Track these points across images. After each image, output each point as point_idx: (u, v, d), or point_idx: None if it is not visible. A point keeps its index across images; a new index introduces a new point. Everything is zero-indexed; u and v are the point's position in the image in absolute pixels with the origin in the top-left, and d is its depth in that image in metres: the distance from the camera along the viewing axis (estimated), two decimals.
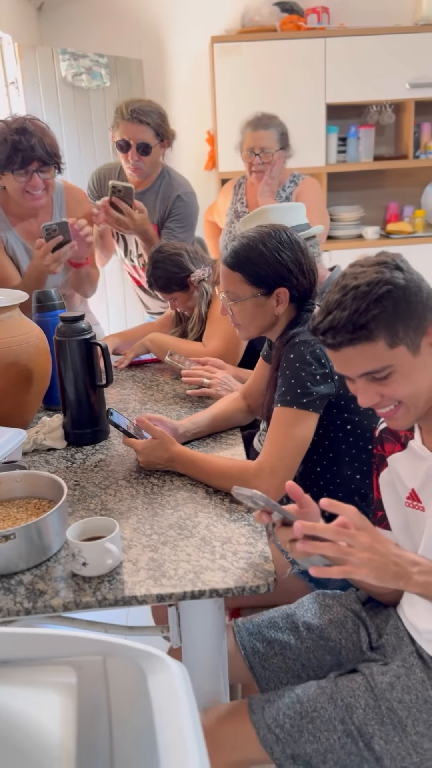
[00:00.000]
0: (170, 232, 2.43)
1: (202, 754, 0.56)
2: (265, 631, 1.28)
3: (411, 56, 3.77)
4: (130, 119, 2.31)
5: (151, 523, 1.25)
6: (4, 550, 1.10)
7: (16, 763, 0.57)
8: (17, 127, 1.93)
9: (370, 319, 0.97)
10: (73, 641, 0.70)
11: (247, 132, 2.58)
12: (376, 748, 1.03)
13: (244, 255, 1.40)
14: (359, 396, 1.06)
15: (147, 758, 0.55)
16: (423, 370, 1.03)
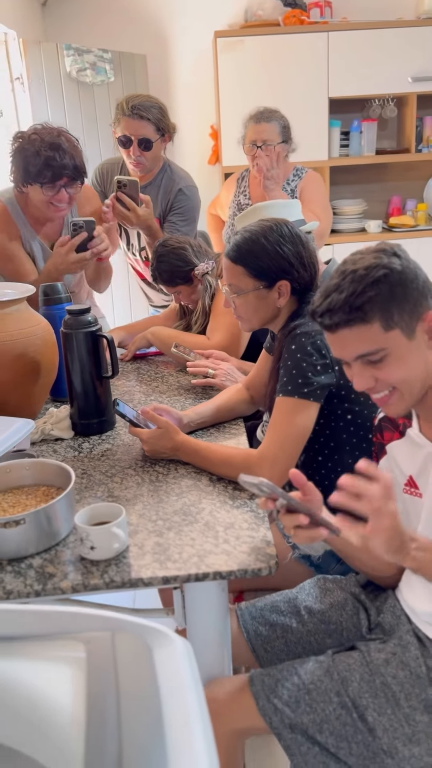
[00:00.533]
0: (172, 225, 2.46)
1: (205, 724, 0.59)
2: (268, 615, 1.32)
3: (413, 50, 3.79)
4: (131, 115, 2.33)
5: (156, 509, 1.29)
6: (14, 534, 1.14)
7: (28, 733, 0.61)
8: (51, 142, 1.94)
9: (366, 301, 1.01)
10: (82, 618, 0.73)
11: (249, 125, 2.62)
12: (369, 719, 1.07)
13: (247, 248, 1.43)
14: (355, 379, 1.09)
15: (153, 728, 0.58)
16: (417, 356, 1.06)
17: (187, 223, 2.49)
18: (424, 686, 1.08)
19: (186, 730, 0.58)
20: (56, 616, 0.73)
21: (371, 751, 1.06)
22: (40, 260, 2.20)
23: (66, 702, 0.62)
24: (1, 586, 1.08)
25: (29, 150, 1.95)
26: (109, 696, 0.63)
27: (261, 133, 2.57)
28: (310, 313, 1.07)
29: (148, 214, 2.31)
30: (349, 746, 1.07)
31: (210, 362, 1.92)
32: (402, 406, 1.11)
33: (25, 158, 1.96)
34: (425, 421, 1.19)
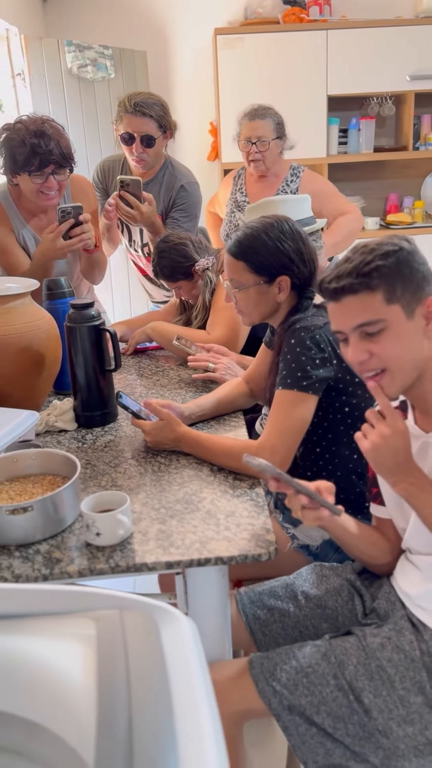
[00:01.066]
0: (175, 221, 2.49)
1: (210, 698, 0.63)
2: (266, 600, 1.36)
3: (411, 48, 3.82)
4: (134, 112, 2.36)
5: (159, 498, 1.33)
6: (22, 521, 1.18)
7: (43, 704, 0.64)
8: (36, 129, 1.96)
9: (374, 269, 1.06)
10: (91, 596, 0.76)
11: (244, 122, 2.65)
12: (365, 701, 1.11)
13: (248, 244, 1.46)
14: (350, 352, 1.13)
15: (161, 700, 0.61)
16: (412, 337, 1.10)
17: (189, 219, 2.52)
18: (418, 669, 1.12)
19: (192, 702, 0.61)
20: (67, 595, 0.77)
21: (367, 732, 1.10)
22: (32, 251, 2.23)
23: (78, 675, 0.65)
24: (10, 571, 1.11)
25: (15, 140, 1.98)
26: (119, 670, 0.66)
27: (255, 129, 2.60)
28: (318, 284, 1.12)
29: (151, 211, 2.34)
30: (345, 727, 1.11)
31: (210, 356, 1.95)
32: (393, 388, 1.14)
33: (12, 148, 1.99)
34: (420, 413, 1.22)
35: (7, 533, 1.18)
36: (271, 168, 2.67)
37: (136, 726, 0.58)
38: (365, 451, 1.14)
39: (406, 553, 1.30)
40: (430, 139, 4.05)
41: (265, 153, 2.60)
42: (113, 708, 0.59)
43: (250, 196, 2.75)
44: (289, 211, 1.78)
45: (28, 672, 0.68)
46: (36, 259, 2.16)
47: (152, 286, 2.80)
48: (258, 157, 2.62)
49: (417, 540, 1.23)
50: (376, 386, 1.12)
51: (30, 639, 0.72)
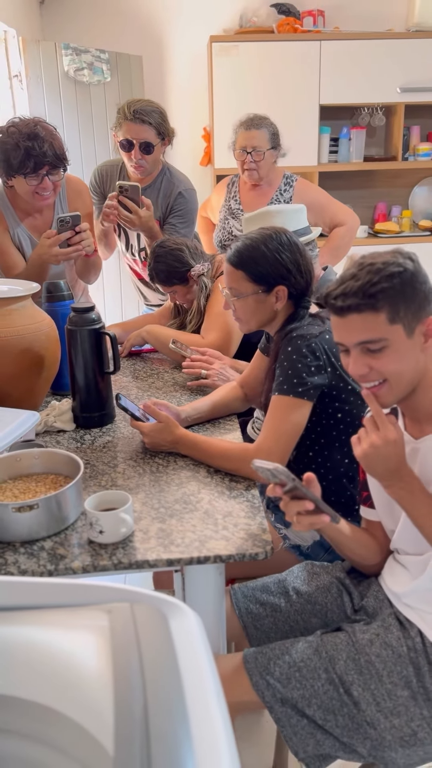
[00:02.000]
0: (172, 227, 2.54)
1: (218, 686, 0.67)
2: (259, 595, 1.42)
3: (403, 61, 3.90)
4: (133, 119, 2.41)
5: (158, 498, 1.38)
6: (27, 518, 1.22)
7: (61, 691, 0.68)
8: (29, 132, 2.00)
9: (379, 291, 1.10)
10: (103, 590, 0.80)
11: (239, 132, 2.70)
12: (354, 694, 1.17)
13: (248, 255, 1.52)
14: (351, 365, 1.18)
15: (173, 688, 0.65)
16: (411, 354, 1.16)
17: (186, 225, 2.57)
18: (404, 664, 1.18)
19: (202, 690, 0.65)
20: (80, 588, 0.80)
21: (356, 723, 1.16)
22: (28, 250, 2.26)
23: (94, 664, 0.69)
24: (16, 566, 1.15)
25: (9, 143, 2.01)
26: (133, 659, 0.70)
27: (251, 139, 2.66)
28: (324, 297, 1.16)
29: (149, 216, 2.39)
30: (335, 718, 1.17)
31: (204, 361, 2.00)
32: (389, 398, 1.20)
33: (6, 151, 2.02)
34: (410, 420, 1.28)
35: (12, 530, 1.22)
36: (265, 177, 2.73)
37: (151, 713, 0.62)
38: (358, 457, 1.19)
39: (394, 554, 1.35)
40: (419, 150, 4.14)
41: (260, 162, 2.66)
42: (129, 696, 0.63)
43: (243, 204, 2.81)
44: (285, 221, 1.84)
45: (45, 660, 0.71)
46: (31, 262, 2.19)
47: (148, 290, 2.85)
48: (253, 167, 2.67)
49: (405, 541, 1.28)
50: (369, 394, 1.18)
51: (46, 629, 0.76)
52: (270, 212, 1.88)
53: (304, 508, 1.15)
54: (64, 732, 0.67)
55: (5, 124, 2.07)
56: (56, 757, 0.61)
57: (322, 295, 1.17)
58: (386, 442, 1.15)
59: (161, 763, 0.58)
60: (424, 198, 4.46)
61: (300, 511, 1.16)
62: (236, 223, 2.81)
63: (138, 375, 2.16)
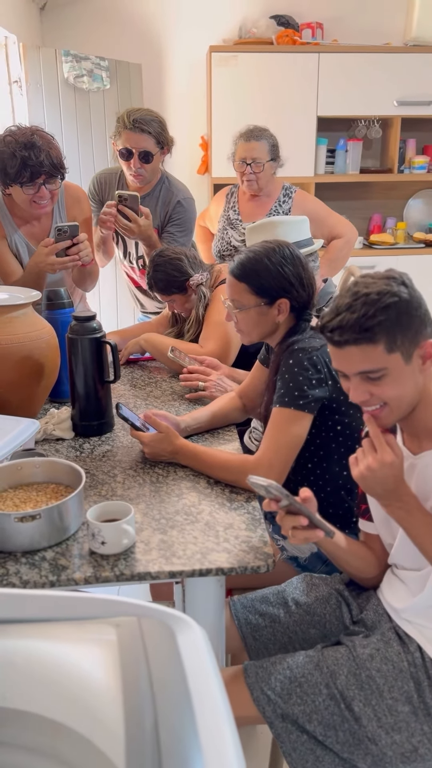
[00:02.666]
0: (171, 236, 2.55)
1: (226, 701, 0.67)
2: (258, 605, 1.42)
3: (400, 75, 3.94)
4: (132, 128, 2.42)
5: (159, 508, 1.38)
6: (29, 528, 1.21)
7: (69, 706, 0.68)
8: (25, 141, 1.99)
9: (376, 324, 1.11)
10: (109, 604, 0.80)
11: (239, 143, 2.72)
12: (355, 709, 1.17)
13: (251, 267, 1.53)
14: (351, 392, 1.19)
15: (182, 704, 0.65)
16: (410, 378, 1.17)
17: (185, 234, 2.58)
18: (405, 679, 1.19)
19: (212, 706, 0.65)
20: (87, 601, 0.80)
21: (357, 739, 1.16)
22: (25, 258, 2.26)
23: (103, 679, 0.69)
24: (18, 576, 1.15)
25: (5, 152, 2.01)
26: (142, 674, 0.70)
27: (251, 151, 2.67)
28: (320, 328, 1.16)
29: (147, 225, 2.40)
30: (336, 734, 1.17)
31: (201, 371, 2.01)
32: (390, 420, 1.21)
33: (3, 161, 2.02)
34: (408, 435, 1.29)
35: (13, 540, 1.22)
36: (264, 188, 2.75)
37: (162, 729, 0.61)
38: (355, 478, 1.20)
39: (393, 568, 1.36)
40: (415, 163, 4.18)
41: (260, 174, 2.68)
42: (139, 711, 0.63)
43: (242, 215, 2.82)
44: (288, 232, 1.85)
45: (54, 674, 0.71)
46: (28, 270, 2.19)
47: (145, 298, 2.85)
48: (252, 178, 2.69)
49: (403, 556, 1.29)
50: (370, 418, 1.19)
51: (54, 643, 0.75)
52: (273, 223, 1.90)
53: (299, 523, 1.16)
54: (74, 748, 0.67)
55: (2, 132, 2.06)
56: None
57: (318, 325, 1.18)
58: (382, 465, 1.15)
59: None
60: (419, 210, 4.50)
61: (295, 526, 1.17)
62: (235, 233, 2.82)
63: (136, 384, 2.16)
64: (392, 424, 1.25)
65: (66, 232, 2.08)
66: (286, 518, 1.16)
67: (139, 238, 2.45)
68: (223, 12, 4.04)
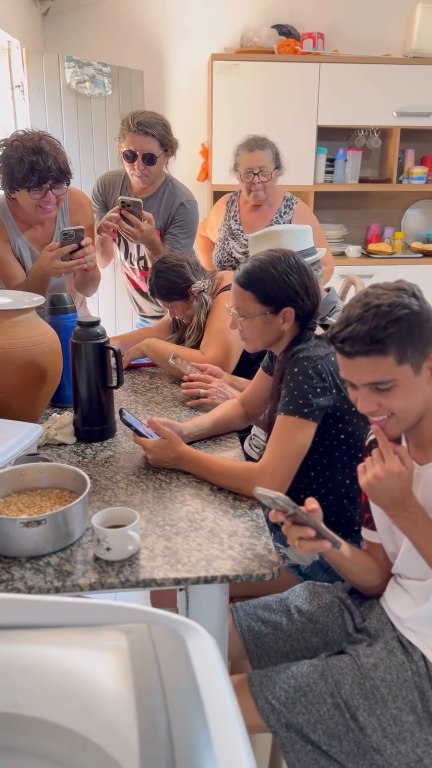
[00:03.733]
0: (173, 237, 2.56)
1: (237, 708, 0.67)
2: (260, 613, 1.42)
3: (399, 86, 3.97)
4: (137, 131, 2.44)
5: (162, 515, 1.38)
6: (33, 534, 1.21)
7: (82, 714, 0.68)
8: (33, 146, 2.00)
9: (387, 336, 1.11)
10: (120, 610, 0.80)
11: (242, 154, 2.71)
12: (360, 719, 1.17)
13: (256, 276, 1.53)
14: (360, 402, 1.20)
15: (195, 711, 0.65)
16: (419, 389, 1.17)
17: (187, 236, 2.60)
18: (410, 689, 1.19)
19: (224, 713, 0.65)
20: (97, 608, 0.80)
21: (362, 749, 1.16)
22: (28, 262, 2.26)
23: (115, 686, 0.69)
24: (23, 582, 1.15)
25: (13, 157, 2.02)
26: (154, 681, 0.69)
27: (257, 160, 2.68)
28: (330, 338, 1.17)
29: (150, 229, 2.41)
30: (340, 744, 1.17)
31: (203, 379, 2.01)
32: (397, 430, 1.22)
33: (10, 165, 2.03)
34: (414, 446, 1.30)
35: (18, 545, 1.21)
36: (269, 197, 2.76)
37: (175, 737, 0.61)
38: (362, 486, 1.21)
39: (396, 577, 1.36)
40: (413, 173, 4.20)
41: (267, 183, 2.69)
42: (153, 719, 0.62)
43: (244, 225, 2.83)
44: (292, 241, 1.86)
45: (65, 681, 0.71)
46: (32, 273, 2.19)
47: (144, 300, 2.86)
48: (260, 187, 2.69)
49: (407, 565, 1.30)
50: (378, 429, 1.19)
51: (64, 649, 0.75)
52: (277, 231, 1.91)
53: (306, 534, 1.16)
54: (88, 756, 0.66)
55: (9, 137, 2.07)
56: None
57: (328, 335, 1.18)
58: (389, 474, 1.16)
59: None
60: (417, 220, 4.53)
61: (302, 537, 1.17)
62: (236, 244, 2.83)
63: (137, 389, 2.16)
64: (398, 435, 1.25)
65: (72, 236, 2.08)
66: (292, 529, 1.16)
67: (142, 242, 2.47)
68: (225, 20, 4.07)
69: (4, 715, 0.65)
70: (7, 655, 0.73)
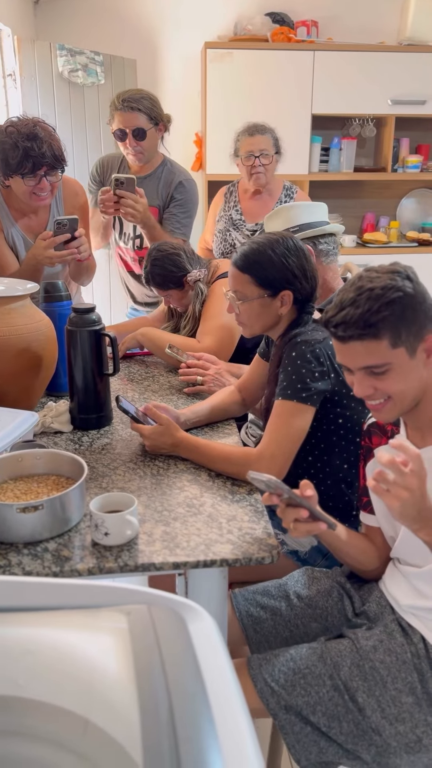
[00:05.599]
0: (173, 216, 2.55)
1: (239, 688, 0.67)
2: (259, 598, 1.42)
3: (394, 74, 3.95)
4: (122, 108, 2.43)
5: (161, 501, 1.37)
6: (30, 519, 1.20)
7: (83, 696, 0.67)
8: (28, 132, 1.98)
9: (380, 320, 1.10)
10: (119, 592, 0.79)
11: (243, 138, 2.71)
12: (359, 700, 1.17)
13: (254, 259, 1.52)
14: (355, 386, 1.19)
15: (197, 692, 0.64)
16: (414, 372, 1.17)
17: (187, 216, 2.58)
18: (409, 671, 1.19)
19: (226, 693, 0.65)
20: (96, 589, 0.79)
21: (361, 730, 1.16)
22: (21, 251, 2.25)
23: (116, 667, 0.68)
24: (20, 567, 1.14)
25: (7, 143, 1.99)
26: (155, 662, 0.69)
27: (258, 144, 2.67)
28: (324, 322, 1.16)
29: (145, 206, 2.39)
30: (340, 725, 1.17)
31: (200, 366, 2.00)
32: (393, 414, 1.21)
33: (4, 151, 2.01)
34: (412, 429, 1.29)
35: (15, 531, 1.20)
36: (268, 184, 2.74)
37: (177, 717, 0.60)
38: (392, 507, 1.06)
39: (395, 562, 1.36)
40: (408, 162, 4.19)
41: (268, 166, 2.68)
42: (154, 699, 0.62)
43: (246, 215, 2.81)
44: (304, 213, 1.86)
45: (66, 663, 0.70)
46: (26, 262, 2.18)
47: (136, 285, 2.82)
48: (261, 170, 2.69)
49: (406, 551, 1.29)
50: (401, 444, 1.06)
51: (65, 631, 0.74)
52: (286, 208, 1.92)
53: (300, 516, 1.15)
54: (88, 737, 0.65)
55: (4, 123, 2.05)
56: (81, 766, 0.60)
57: (322, 320, 1.17)
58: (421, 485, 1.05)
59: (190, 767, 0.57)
60: (412, 210, 4.52)
61: (297, 519, 1.16)
62: (239, 235, 2.81)
63: (133, 378, 2.15)
64: (396, 419, 1.24)
65: (65, 226, 2.06)
66: (287, 511, 1.15)
67: (140, 220, 2.43)
68: (218, 8, 4.04)
69: (5, 697, 0.64)
70: (8, 638, 0.72)
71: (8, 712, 0.64)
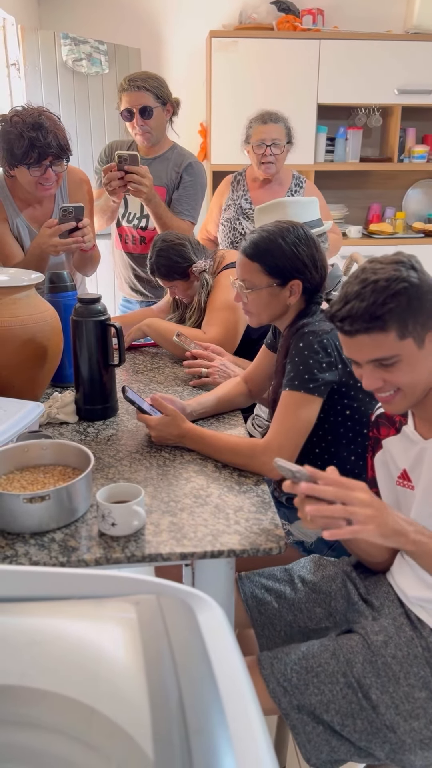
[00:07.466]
0: (182, 198, 2.56)
1: (249, 679, 0.66)
2: (264, 581, 1.42)
3: (400, 63, 3.91)
4: (129, 88, 2.44)
5: (167, 491, 1.36)
6: (37, 510, 1.20)
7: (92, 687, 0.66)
8: (33, 122, 1.96)
9: (386, 312, 1.09)
10: (127, 581, 0.78)
11: (256, 126, 2.68)
12: (373, 697, 1.16)
13: (264, 247, 1.50)
14: (364, 379, 1.17)
15: (206, 683, 0.63)
16: (424, 363, 1.15)
17: (196, 198, 2.59)
18: (421, 665, 1.18)
19: (235, 683, 0.64)
20: (105, 579, 0.79)
21: (375, 727, 1.15)
22: (26, 241, 2.24)
23: (125, 657, 0.67)
24: (27, 557, 1.13)
25: (12, 133, 1.98)
26: (164, 653, 0.68)
27: (270, 132, 2.65)
28: (329, 317, 1.14)
29: (151, 181, 2.38)
30: (354, 723, 1.16)
31: (205, 357, 1.99)
32: (403, 405, 1.20)
33: (9, 141, 1.99)
34: (420, 420, 1.28)
35: (22, 521, 1.20)
36: (278, 173, 2.72)
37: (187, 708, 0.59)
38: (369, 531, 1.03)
39: (403, 553, 1.35)
40: (415, 152, 4.15)
41: (279, 156, 2.66)
42: (164, 690, 0.61)
43: (256, 204, 2.79)
44: (298, 213, 1.83)
45: (74, 653, 0.69)
46: (30, 251, 2.17)
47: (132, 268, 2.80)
48: (272, 160, 2.66)
49: None
50: None
51: (73, 621, 0.74)
52: (283, 203, 1.89)
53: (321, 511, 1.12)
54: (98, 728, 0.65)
55: (8, 113, 2.03)
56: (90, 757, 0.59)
57: (327, 314, 1.15)
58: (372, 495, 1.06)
59: (202, 759, 0.57)
60: (418, 200, 4.48)
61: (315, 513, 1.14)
62: (249, 223, 2.79)
63: (138, 369, 2.14)
64: (405, 410, 1.23)
65: (71, 213, 2.05)
66: (305, 501, 1.14)
67: (147, 198, 2.40)
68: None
69: (13, 687, 0.64)
70: (16, 628, 0.72)
71: (15, 702, 0.64)
